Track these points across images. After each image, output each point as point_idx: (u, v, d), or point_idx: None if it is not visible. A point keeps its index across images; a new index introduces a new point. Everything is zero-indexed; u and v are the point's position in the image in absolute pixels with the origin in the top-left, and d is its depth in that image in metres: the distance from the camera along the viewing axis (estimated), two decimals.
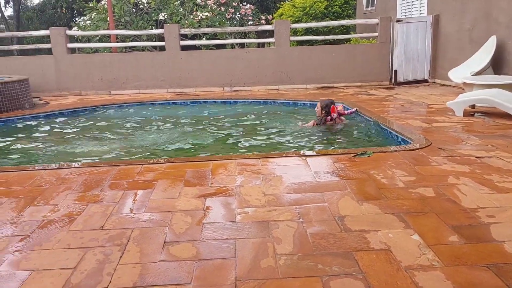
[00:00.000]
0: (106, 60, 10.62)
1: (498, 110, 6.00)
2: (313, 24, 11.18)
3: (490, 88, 6.17)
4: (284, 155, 4.49)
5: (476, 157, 4.08)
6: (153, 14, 13.43)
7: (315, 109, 6.26)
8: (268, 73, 10.52)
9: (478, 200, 3.02)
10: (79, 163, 4.54)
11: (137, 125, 7.04)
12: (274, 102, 8.64)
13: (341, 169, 3.81)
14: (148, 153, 5.25)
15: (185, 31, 11.05)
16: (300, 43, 11.93)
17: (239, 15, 14.48)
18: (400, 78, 10.29)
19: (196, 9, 13.57)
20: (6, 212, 3.07)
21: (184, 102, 9.15)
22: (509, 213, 2.79)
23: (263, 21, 14.81)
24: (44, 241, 2.59)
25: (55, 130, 6.96)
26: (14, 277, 2.21)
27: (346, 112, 6.52)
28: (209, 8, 13.53)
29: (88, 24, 13.59)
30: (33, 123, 7.49)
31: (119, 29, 12.71)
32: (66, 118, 7.87)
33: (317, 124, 6.09)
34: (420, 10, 10.99)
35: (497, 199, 3.04)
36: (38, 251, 2.48)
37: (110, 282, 2.14)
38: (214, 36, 13.04)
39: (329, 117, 6.07)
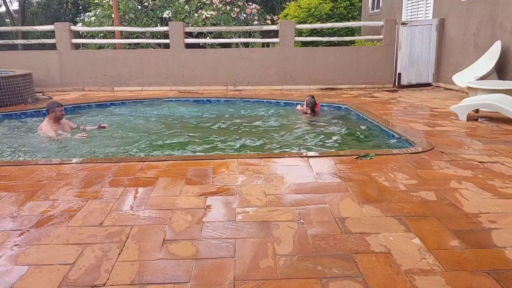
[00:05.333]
0: (110, 57, 10.63)
1: (502, 115, 5.97)
2: (318, 25, 11.15)
3: (494, 93, 6.15)
4: (286, 155, 4.47)
5: (479, 162, 4.05)
6: (158, 12, 13.42)
7: (303, 107, 7.10)
8: (272, 73, 10.51)
9: (480, 205, 3.00)
10: (80, 158, 4.54)
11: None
12: (278, 102, 8.63)
13: (343, 171, 3.80)
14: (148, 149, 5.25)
15: (190, 29, 11.06)
16: (305, 44, 11.91)
17: (245, 15, 14.46)
18: (404, 81, 10.26)
19: (201, 7, 13.56)
20: (6, 206, 3.07)
21: (187, 100, 9.14)
22: (510, 219, 2.77)
23: (268, 21, 14.78)
24: (43, 236, 2.59)
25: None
26: (12, 272, 2.20)
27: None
28: (214, 6, 13.52)
29: (93, 20, 13.61)
30: (35, 118, 7.48)
31: (123, 25, 12.71)
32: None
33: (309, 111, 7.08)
34: (426, 13, 10.95)
35: (499, 204, 3.02)
36: (36, 246, 2.47)
37: (108, 279, 2.13)
38: (219, 35, 13.03)
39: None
